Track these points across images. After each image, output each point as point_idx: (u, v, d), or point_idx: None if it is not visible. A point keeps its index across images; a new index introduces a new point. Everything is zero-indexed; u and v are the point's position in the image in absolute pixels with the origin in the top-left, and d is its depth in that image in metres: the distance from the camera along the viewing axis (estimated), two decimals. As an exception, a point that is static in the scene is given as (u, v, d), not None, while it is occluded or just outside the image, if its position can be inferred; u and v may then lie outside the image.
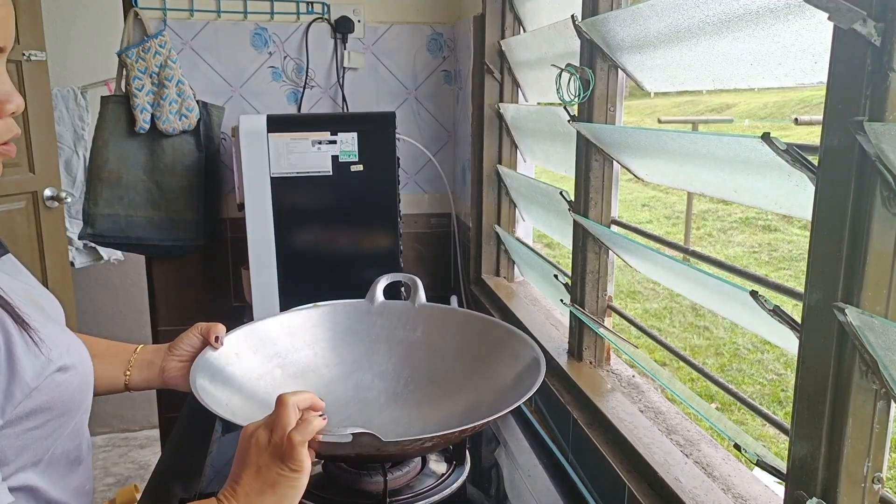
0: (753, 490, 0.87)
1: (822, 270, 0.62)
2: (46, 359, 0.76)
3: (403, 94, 2.16)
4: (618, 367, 1.25)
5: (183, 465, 1.21)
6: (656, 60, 0.99)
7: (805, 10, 0.66)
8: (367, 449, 0.83)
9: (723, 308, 0.88)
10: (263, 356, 1.13)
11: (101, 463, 2.61)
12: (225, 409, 0.99)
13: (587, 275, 1.22)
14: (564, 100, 1.21)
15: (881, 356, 0.58)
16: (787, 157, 0.66)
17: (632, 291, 5.05)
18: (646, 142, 0.99)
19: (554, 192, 1.34)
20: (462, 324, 1.20)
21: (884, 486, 0.65)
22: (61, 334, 0.84)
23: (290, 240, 1.73)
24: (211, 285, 2.18)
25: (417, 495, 0.97)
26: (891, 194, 0.57)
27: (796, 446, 0.67)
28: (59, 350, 0.79)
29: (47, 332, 0.78)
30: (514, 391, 0.99)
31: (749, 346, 4.08)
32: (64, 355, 0.80)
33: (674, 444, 0.98)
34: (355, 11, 2.07)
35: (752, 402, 0.85)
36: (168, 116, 1.96)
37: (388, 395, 1.15)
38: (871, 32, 0.55)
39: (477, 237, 1.88)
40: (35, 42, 2.36)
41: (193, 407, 1.38)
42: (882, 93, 0.55)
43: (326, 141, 1.70)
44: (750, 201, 0.81)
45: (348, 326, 1.22)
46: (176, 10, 2.01)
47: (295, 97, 2.11)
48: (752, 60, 0.78)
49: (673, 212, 7.25)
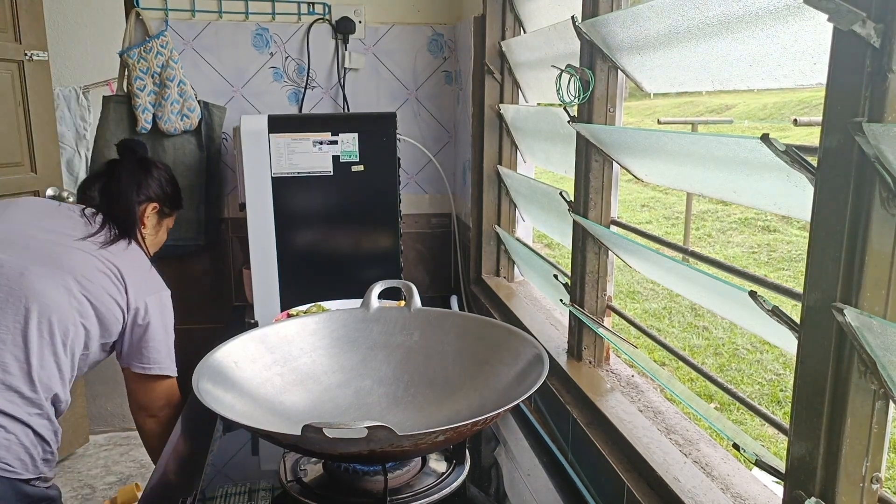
0: (752, 490, 0.87)
1: (821, 271, 0.62)
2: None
3: (404, 95, 2.16)
4: (617, 367, 1.25)
5: (183, 465, 1.21)
6: (656, 61, 0.99)
7: (804, 12, 0.67)
8: (382, 444, 0.83)
9: (722, 308, 0.88)
10: (262, 364, 1.13)
11: (102, 461, 2.61)
12: (228, 409, 0.99)
13: (587, 275, 1.23)
14: (564, 100, 1.21)
15: (880, 356, 0.58)
16: (787, 158, 0.66)
17: (631, 291, 5.05)
18: (645, 142, 0.99)
19: (554, 192, 1.34)
20: (459, 326, 1.20)
21: (882, 486, 0.65)
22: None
23: (291, 240, 1.73)
24: (212, 285, 2.18)
25: (417, 494, 0.98)
26: (889, 195, 0.57)
27: (795, 446, 0.67)
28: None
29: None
30: (517, 388, 1.00)
31: (748, 346, 4.08)
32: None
33: (673, 444, 0.98)
34: (356, 12, 2.08)
35: (751, 401, 0.85)
36: (169, 116, 1.96)
37: (389, 400, 1.15)
38: (871, 34, 0.55)
39: (477, 237, 1.88)
40: (37, 42, 2.36)
41: (194, 407, 1.38)
42: (881, 94, 0.55)
43: (327, 141, 1.71)
44: (749, 202, 0.81)
45: (345, 334, 1.23)
46: (177, 11, 2.01)
47: (296, 97, 2.11)
48: (751, 61, 0.78)
49: (672, 212, 7.25)
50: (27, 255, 1.30)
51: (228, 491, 1.04)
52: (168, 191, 1.58)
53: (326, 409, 1.12)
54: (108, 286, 1.34)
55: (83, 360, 1.34)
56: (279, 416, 1.07)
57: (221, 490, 1.05)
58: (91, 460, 2.63)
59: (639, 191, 8.19)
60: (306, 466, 1.04)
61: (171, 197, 1.59)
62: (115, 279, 1.35)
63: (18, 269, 1.27)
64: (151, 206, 1.53)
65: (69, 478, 2.51)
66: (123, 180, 1.48)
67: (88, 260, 1.34)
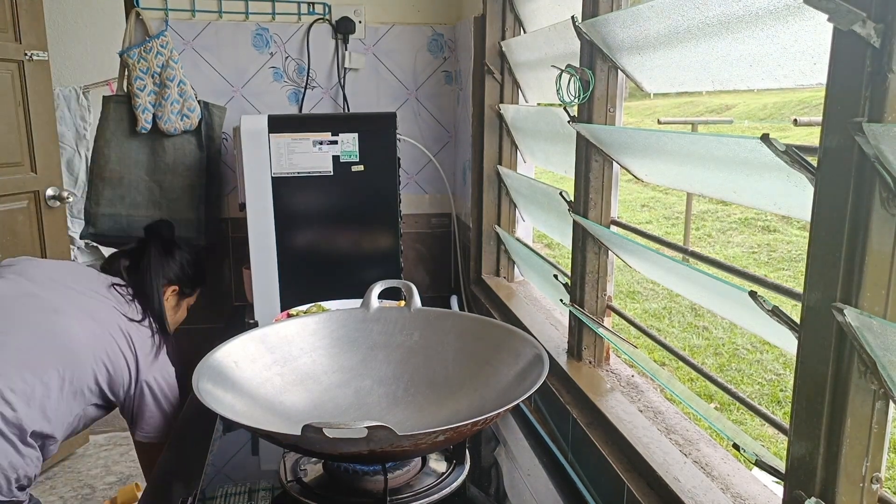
0: (752, 490, 0.87)
1: (821, 271, 0.62)
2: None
3: (404, 95, 2.16)
4: (617, 367, 1.25)
5: (183, 465, 1.21)
6: (656, 61, 0.99)
7: (804, 12, 0.66)
8: (382, 444, 0.83)
9: (722, 308, 0.88)
10: (262, 364, 1.13)
11: (102, 461, 2.61)
12: (228, 409, 0.99)
13: (587, 275, 1.23)
14: (564, 100, 1.21)
15: (880, 357, 0.58)
16: (787, 158, 0.66)
17: (631, 291, 5.05)
18: (645, 142, 0.99)
19: (554, 192, 1.34)
20: (459, 326, 1.20)
21: (882, 486, 0.65)
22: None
23: (291, 239, 1.73)
24: (212, 285, 2.18)
25: (417, 494, 0.97)
26: (889, 195, 0.57)
27: (795, 446, 0.67)
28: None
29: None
30: (517, 388, 1.00)
31: (748, 346, 4.08)
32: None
33: (673, 444, 0.98)
34: (356, 12, 2.08)
35: (751, 401, 0.85)
36: (169, 116, 1.96)
37: (389, 400, 1.15)
38: (871, 34, 0.55)
39: (477, 237, 1.88)
40: (37, 42, 2.36)
41: (194, 407, 1.38)
42: (881, 94, 0.55)
43: (327, 141, 1.71)
44: (749, 202, 0.81)
45: (345, 334, 1.23)
46: (177, 11, 2.01)
47: (296, 97, 2.11)
48: (751, 62, 0.78)
49: (672, 212, 7.25)
50: (61, 297, 1.38)
51: (228, 491, 1.04)
52: (190, 273, 1.65)
53: (326, 409, 1.12)
54: (123, 347, 1.40)
55: (84, 411, 1.38)
56: (279, 416, 1.07)
57: (221, 490, 1.05)
58: (91, 460, 2.63)
59: (639, 191, 8.19)
60: (306, 466, 1.04)
61: (192, 278, 1.66)
62: (129, 346, 1.42)
63: (52, 306, 1.35)
64: (171, 290, 1.61)
65: (69, 478, 2.51)
66: (151, 266, 1.56)
67: (114, 317, 1.41)
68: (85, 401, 1.35)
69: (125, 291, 1.49)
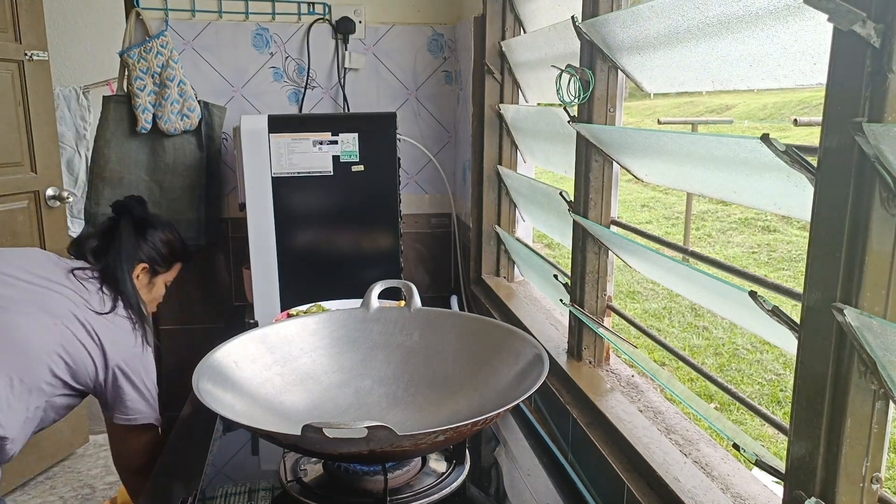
0: (752, 490, 0.87)
1: (821, 271, 0.62)
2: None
3: (404, 95, 2.16)
4: (617, 367, 1.25)
5: (183, 465, 1.21)
6: (656, 61, 0.99)
7: (804, 12, 0.67)
8: (382, 444, 0.83)
9: (722, 308, 0.88)
10: (262, 364, 1.13)
11: (102, 461, 2.61)
12: (228, 409, 0.99)
13: (587, 275, 1.23)
14: (564, 100, 1.21)
15: (880, 357, 0.58)
16: (787, 158, 0.66)
17: (631, 291, 5.05)
18: (645, 143, 0.99)
19: (554, 192, 1.34)
20: (459, 326, 1.20)
21: (882, 486, 0.65)
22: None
23: (291, 239, 1.73)
24: (212, 285, 2.18)
25: (417, 494, 0.98)
26: (889, 195, 0.57)
27: (795, 446, 0.67)
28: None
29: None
30: (517, 388, 1.00)
31: (748, 346, 4.08)
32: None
33: (673, 444, 0.98)
34: (356, 12, 2.08)
35: (751, 402, 0.85)
36: (169, 116, 1.96)
37: (389, 400, 1.15)
38: (871, 34, 0.55)
39: (477, 237, 1.88)
40: (37, 42, 2.36)
41: (194, 407, 1.38)
42: (881, 94, 0.55)
43: (327, 141, 1.71)
44: (749, 202, 0.81)
45: (345, 334, 1.23)
46: (177, 11, 2.01)
47: (296, 97, 2.11)
48: (751, 62, 0.78)
49: (672, 212, 7.25)
50: (11, 291, 1.32)
51: (228, 491, 1.04)
52: (163, 251, 1.56)
53: (326, 409, 1.12)
54: (82, 336, 1.34)
55: (48, 402, 1.32)
56: (279, 416, 1.07)
57: (221, 490, 1.05)
58: (91, 460, 2.63)
59: (639, 191, 8.19)
60: (306, 466, 1.04)
61: (164, 256, 1.57)
62: (89, 334, 1.35)
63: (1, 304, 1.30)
64: (141, 267, 1.53)
65: (69, 478, 2.51)
66: (121, 248, 1.49)
67: (69, 307, 1.35)
68: (45, 394, 1.30)
69: (88, 275, 1.42)
